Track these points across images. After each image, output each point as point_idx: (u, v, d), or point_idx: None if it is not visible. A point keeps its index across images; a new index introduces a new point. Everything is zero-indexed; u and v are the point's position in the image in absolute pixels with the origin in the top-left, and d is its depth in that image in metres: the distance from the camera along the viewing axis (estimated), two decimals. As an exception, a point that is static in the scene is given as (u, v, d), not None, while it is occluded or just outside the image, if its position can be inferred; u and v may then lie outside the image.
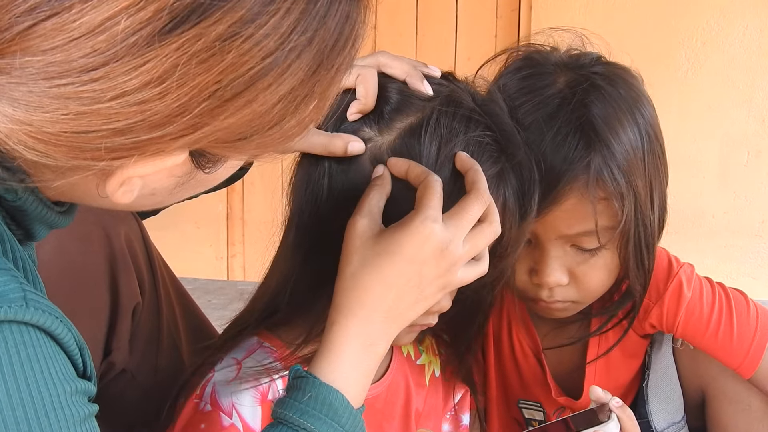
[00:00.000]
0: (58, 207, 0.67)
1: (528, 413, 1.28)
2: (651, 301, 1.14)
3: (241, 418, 0.87)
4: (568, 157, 0.99)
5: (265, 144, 0.60)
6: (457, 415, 1.15)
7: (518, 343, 1.24)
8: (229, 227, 3.47)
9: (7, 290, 0.57)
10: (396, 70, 0.87)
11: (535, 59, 1.09)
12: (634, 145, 1.02)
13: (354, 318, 0.76)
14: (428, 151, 0.85)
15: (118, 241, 0.96)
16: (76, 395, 0.59)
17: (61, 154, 0.54)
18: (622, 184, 0.99)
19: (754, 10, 2.89)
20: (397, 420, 1.02)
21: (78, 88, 0.52)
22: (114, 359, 0.96)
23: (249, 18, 0.53)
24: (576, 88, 1.03)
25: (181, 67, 0.52)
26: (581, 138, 0.99)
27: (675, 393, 1.21)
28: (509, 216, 0.89)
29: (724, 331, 1.11)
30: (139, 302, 0.99)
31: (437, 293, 0.79)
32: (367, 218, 0.79)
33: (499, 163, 0.88)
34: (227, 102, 0.55)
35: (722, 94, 2.94)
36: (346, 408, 0.73)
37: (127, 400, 1.01)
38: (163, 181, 0.61)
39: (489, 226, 0.81)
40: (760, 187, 3.00)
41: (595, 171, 0.98)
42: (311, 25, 0.56)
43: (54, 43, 0.51)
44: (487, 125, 0.88)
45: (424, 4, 3.27)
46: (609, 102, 1.03)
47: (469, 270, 0.81)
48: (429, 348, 1.11)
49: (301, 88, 0.58)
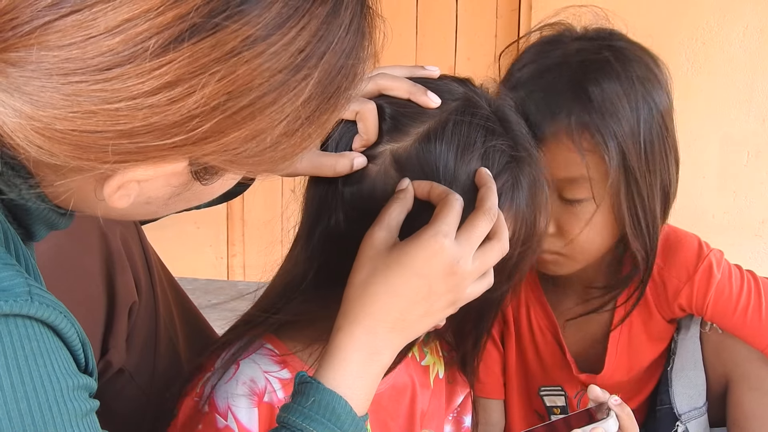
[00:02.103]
0: (59, 208, 0.67)
1: (549, 400, 1.30)
2: (681, 282, 1.17)
3: (237, 420, 0.87)
4: (557, 105, 1.03)
5: (262, 162, 0.61)
6: (459, 416, 1.15)
7: (537, 325, 1.27)
8: (229, 227, 3.47)
9: (12, 285, 0.58)
10: (397, 91, 0.87)
11: (558, 32, 1.14)
12: (631, 114, 1.05)
13: (360, 326, 0.76)
14: (446, 156, 0.85)
15: (115, 240, 0.96)
16: (77, 390, 0.60)
17: (65, 152, 0.55)
18: (608, 140, 1.03)
19: (754, 10, 2.89)
20: (401, 419, 1.02)
21: (90, 87, 0.52)
22: (111, 358, 0.97)
23: (262, 35, 0.55)
24: (584, 54, 1.07)
25: (192, 76, 0.53)
26: (573, 90, 1.04)
27: (699, 378, 1.22)
28: (522, 224, 0.89)
29: (753, 310, 1.14)
30: (135, 301, 0.99)
31: (446, 308, 0.80)
32: (385, 231, 0.80)
33: (514, 169, 0.88)
34: (233, 115, 0.56)
35: (722, 94, 2.94)
36: (349, 414, 0.73)
37: (126, 400, 1.01)
38: (159, 189, 0.62)
39: (498, 243, 0.81)
40: (760, 187, 3.00)
41: (580, 119, 1.03)
42: (319, 49, 0.58)
43: (72, 39, 0.51)
44: (503, 132, 0.89)
45: (424, 4, 3.27)
46: (613, 70, 1.06)
47: (476, 285, 0.81)
48: (433, 349, 1.12)
49: (304, 110, 0.59)
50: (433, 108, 0.86)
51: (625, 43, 1.12)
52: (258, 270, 0.96)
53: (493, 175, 0.86)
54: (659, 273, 1.17)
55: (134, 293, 0.99)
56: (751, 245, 3.02)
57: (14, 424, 0.56)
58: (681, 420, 1.21)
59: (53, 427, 0.57)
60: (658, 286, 1.18)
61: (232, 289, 3.30)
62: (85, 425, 0.60)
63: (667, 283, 1.18)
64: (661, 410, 1.25)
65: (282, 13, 0.55)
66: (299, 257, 0.91)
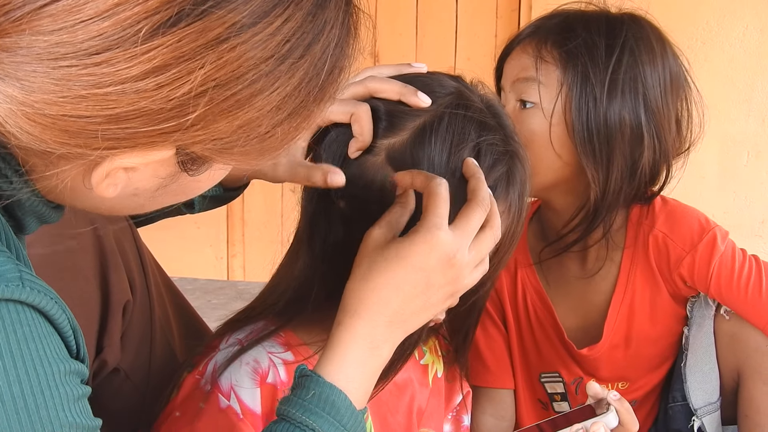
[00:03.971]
0: (49, 201, 0.67)
1: (550, 387, 1.32)
2: (684, 250, 1.18)
3: (240, 400, 0.88)
4: (543, 29, 1.16)
5: (248, 152, 0.62)
6: (458, 415, 1.15)
7: (532, 308, 1.29)
8: (229, 227, 3.47)
9: (3, 270, 0.58)
10: (387, 93, 0.88)
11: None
12: (607, 59, 1.12)
13: (359, 320, 0.77)
14: (440, 149, 0.86)
15: (108, 239, 0.97)
16: (69, 375, 0.61)
17: (54, 138, 0.55)
18: (569, 60, 1.12)
19: (754, 10, 2.89)
20: (401, 415, 1.03)
21: (80, 71, 0.53)
22: (105, 357, 0.97)
23: (248, 23, 0.55)
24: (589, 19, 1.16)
25: (179, 61, 0.54)
26: (561, 29, 1.15)
27: (713, 373, 1.23)
28: (513, 214, 0.91)
29: (754, 287, 1.15)
30: (129, 300, 0.99)
31: (445, 301, 0.81)
32: (384, 228, 0.81)
33: (509, 162, 0.89)
34: (221, 102, 0.57)
35: (722, 94, 2.94)
36: (348, 407, 0.74)
37: (122, 400, 1.01)
38: (146, 180, 0.62)
39: (491, 231, 0.82)
40: (760, 187, 3.00)
41: (545, 35, 1.15)
42: (305, 41, 0.59)
43: (63, 23, 0.52)
44: (496, 125, 0.90)
45: (424, 4, 3.27)
46: (612, 27, 1.14)
47: (473, 274, 0.82)
48: (432, 348, 1.12)
49: (291, 101, 0.60)
50: (424, 108, 0.87)
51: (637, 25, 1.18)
52: (258, 270, 0.96)
53: (489, 166, 0.87)
54: (663, 240, 1.19)
55: (128, 292, 0.99)
56: (751, 245, 3.00)
57: (7, 407, 0.56)
58: (697, 415, 1.22)
59: (45, 411, 0.58)
60: (662, 252, 1.20)
61: (232, 289, 3.30)
62: (77, 409, 0.60)
63: (670, 251, 1.19)
64: (674, 407, 1.26)
65: (267, 1, 0.56)
66: (303, 262, 0.91)
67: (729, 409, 1.24)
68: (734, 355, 1.21)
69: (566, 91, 1.12)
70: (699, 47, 2.94)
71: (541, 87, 1.13)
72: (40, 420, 0.57)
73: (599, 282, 1.25)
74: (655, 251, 1.20)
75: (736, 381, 1.22)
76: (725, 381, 1.23)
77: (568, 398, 1.31)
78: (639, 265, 1.22)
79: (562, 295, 1.28)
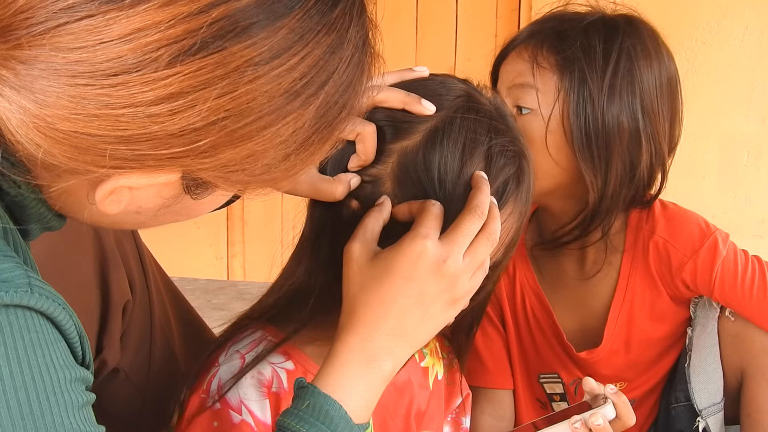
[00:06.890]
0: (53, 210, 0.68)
1: (549, 387, 1.32)
2: (686, 256, 1.18)
3: (251, 413, 0.88)
4: (539, 33, 1.15)
5: (253, 182, 0.63)
6: (458, 417, 1.15)
7: (531, 310, 1.29)
8: (229, 227, 3.47)
9: (13, 276, 0.59)
10: (392, 102, 0.88)
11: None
12: (603, 56, 1.11)
13: (355, 335, 0.77)
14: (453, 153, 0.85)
15: (108, 239, 0.97)
16: (74, 382, 0.61)
17: (63, 153, 0.55)
18: (566, 66, 1.11)
19: (754, 10, 2.89)
20: (400, 418, 1.03)
21: (96, 90, 0.53)
22: (105, 357, 0.97)
23: (266, 58, 0.56)
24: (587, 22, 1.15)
25: (195, 90, 0.55)
26: (557, 34, 1.14)
27: (717, 373, 1.23)
28: (521, 213, 0.91)
29: (759, 288, 1.15)
30: (129, 300, 0.99)
31: (446, 309, 0.81)
32: (359, 242, 0.81)
33: (517, 162, 0.89)
34: (231, 132, 0.57)
35: (722, 94, 2.94)
36: (343, 417, 0.74)
37: (122, 400, 1.02)
38: (150, 200, 0.63)
39: (487, 237, 0.82)
40: (760, 187, 3.00)
41: (540, 39, 1.13)
42: (320, 78, 0.60)
43: (83, 43, 0.53)
44: (505, 128, 0.89)
45: (424, 4, 3.27)
46: (609, 30, 1.14)
47: (473, 280, 0.82)
48: (433, 351, 1.12)
49: (299, 135, 0.61)
50: (429, 115, 0.86)
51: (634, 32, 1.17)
52: (258, 270, 0.96)
53: (501, 167, 0.87)
54: (664, 246, 1.19)
55: (128, 292, 0.99)
56: (751, 245, 3.00)
57: (12, 413, 0.56)
58: (701, 415, 1.21)
59: (50, 418, 0.58)
60: (663, 258, 1.20)
61: (232, 289, 3.30)
62: (81, 417, 0.61)
63: (671, 256, 1.19)
64: (677, 408, 1.26)
65: (288, 38, 0.57)
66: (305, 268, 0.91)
67: (731, 409, 1.24)
68: (738, 355, 1.21)
69: (564, 97, 1.11)
70: (699, 47, 2.94)
71: (539, 93, 1.12)
72: (45, 426, 0.58)
73: (598, 285, 1.25)
74: (655, 257, 1.20)
75: (739, 381, 1.22)
76: (728, 381, 1.23)
77: (567, 398, 1.31)
78: (639, 269, 1.22)
79: (561, 297, 1.28)
